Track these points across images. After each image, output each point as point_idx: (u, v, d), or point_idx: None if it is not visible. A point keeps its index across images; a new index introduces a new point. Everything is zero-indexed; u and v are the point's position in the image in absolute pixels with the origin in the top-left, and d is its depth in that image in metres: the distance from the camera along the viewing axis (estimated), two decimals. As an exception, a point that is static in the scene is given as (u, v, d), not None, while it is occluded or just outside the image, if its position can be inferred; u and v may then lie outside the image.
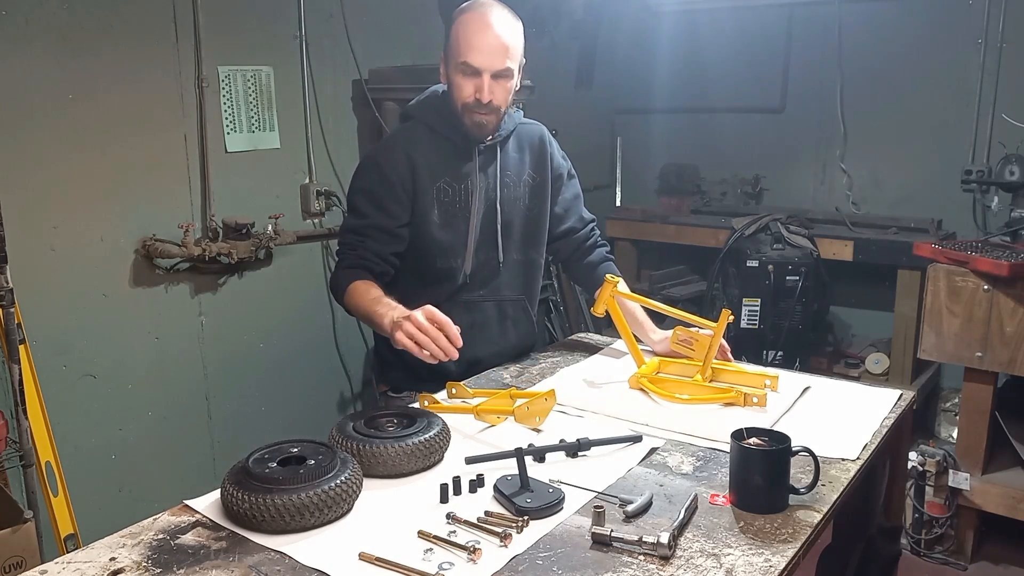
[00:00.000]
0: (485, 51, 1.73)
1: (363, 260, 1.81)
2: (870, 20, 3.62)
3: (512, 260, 1.96)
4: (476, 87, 1.76)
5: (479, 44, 1.73)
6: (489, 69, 1.74)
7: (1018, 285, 2.53)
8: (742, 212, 3.69)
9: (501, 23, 1.74)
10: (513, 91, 1.83)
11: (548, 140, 2.01)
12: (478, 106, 1.78)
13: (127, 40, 2.37)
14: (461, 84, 1.77)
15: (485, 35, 1.73)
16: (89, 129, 2.32)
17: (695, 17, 4.04)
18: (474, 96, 1.76)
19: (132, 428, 2.51)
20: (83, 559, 1.15)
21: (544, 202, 1.99)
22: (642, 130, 4.31)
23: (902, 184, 3.65)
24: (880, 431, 1.59)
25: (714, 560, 1.14)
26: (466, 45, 1.73)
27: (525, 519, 1.22)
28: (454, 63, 1.77)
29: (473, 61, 1.73)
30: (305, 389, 3.02)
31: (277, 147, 2.82)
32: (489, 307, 1.96)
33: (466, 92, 1.77)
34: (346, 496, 1.24)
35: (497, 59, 1.74)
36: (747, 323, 3.34)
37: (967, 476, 2.73)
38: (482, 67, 1.74)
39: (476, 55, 1.73)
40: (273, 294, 2.86)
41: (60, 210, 2.29)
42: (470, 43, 1.73)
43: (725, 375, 1.82)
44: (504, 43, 1.74)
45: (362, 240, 1.83)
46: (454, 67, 1.77)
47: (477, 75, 1.75)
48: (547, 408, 1.60)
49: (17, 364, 1.99)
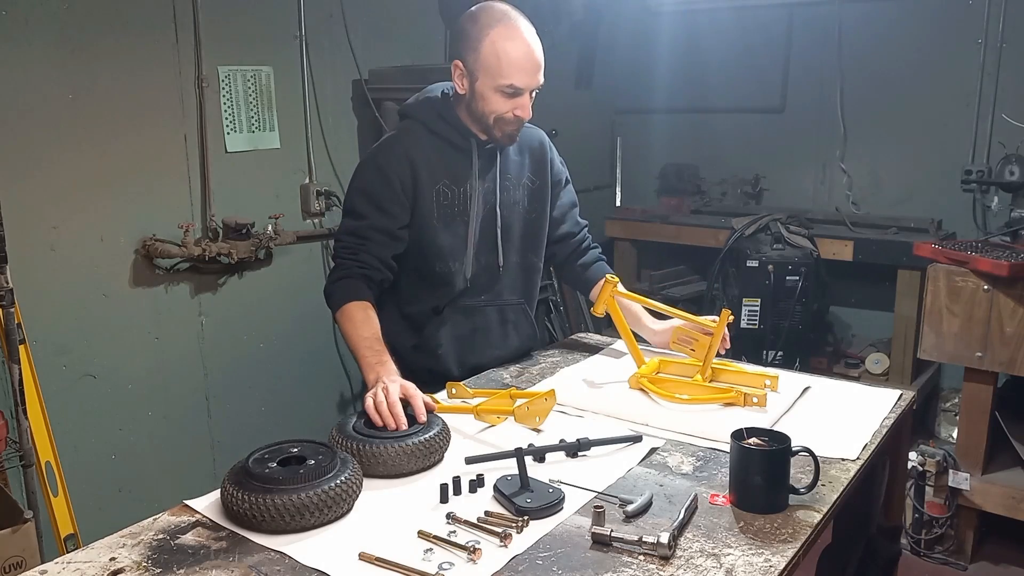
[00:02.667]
0: (530, 71, 1.72)
1: (362, 267, 1.78)
2: (870, 20, 3.62)
3: (512, 264, 1.95)
4: (515, 105, 1.75)
5: (525, 65, 1.72)
6: (532, 88, 1.75)
7: (1018, 285, 2.53)
8: (742, 212, 3.69)
9: (534, 36, 1.74)
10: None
11: (548, 146, 2.01)
12: (515, 122, 1.78)
13: (127, 40, 2.37)
14: (500, 101, 1.75)
15: (527, 56, 1.72)
16: (89, 129, 2.32)
17: (695, 17, 4.04)
18: (512, 113, 1.76)
19: (132, 428, 2.51)
20: (83, 559, 1.15)
21: (544, 206, 1.98)
22: (642, 130, 4.31)
23: (902, 184, 3.65)
24: (880, 431, 1.59)
25: (714, 560, 1.14)
26: (509, 66, 1.71)
27: (525, 519, 1.22)
28: (494, 82, 1.73)
29: (520, 83, 1.72)
30: (305, 389, 3.02)
31: (277, 147, 2.82)
32: (490, 311, 1.95)
33: (503, 108, 1.76)
34: (346, 496, 1.24)
35: (539, 76, 1.75)
36: (747, 323, 3.34)
37: (967, 476, 2.73)
38: (527, 88, 1.74)
39: (522, 77, 1.72)
40: (273, 294, 2.86)
41: (60, 210, 2.29)
42: (514, 64, 1.71)
43: (725, 375, 1.82)
44: (539, 60, 1.74)
45: (362, 243, 1.79)
46: (493, 86, 1.73)
47: (519, 95, 1.74)
48: (547, 408, 1.60)
49: (17, 364, 1.99)
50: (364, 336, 1.69)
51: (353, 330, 1.71)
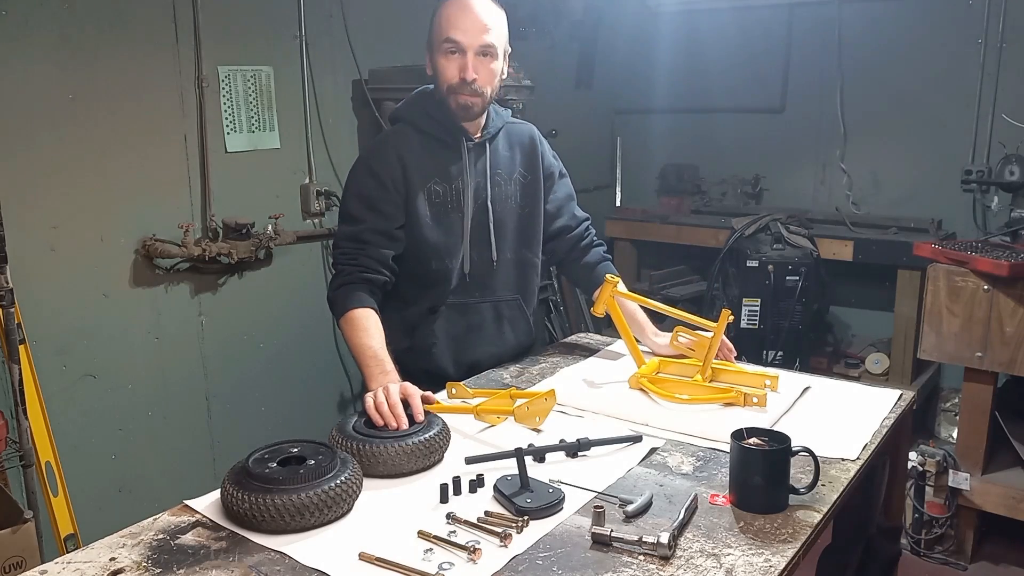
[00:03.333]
0: (468, 29, 1.75)
1: (363, 271, 1.78)
2: (870, 20, 3.63)
3: (506, 259, 1.94)
4: (460, 66, 1.77)
5: (460, 22, 1.75)
6: (472, 46, 1.76)
7: (1018, 285, 2.53)
8: (742, 212, 3.69)
9: (482, 4, 1.77)
10: (498, 76, 1.83)
11: (539, 140, 2.01)
12: (463, 86, 1.78)
13: (127, 40, 2.37)
14: (445, 65, 1.78)
15: (466, 14, 1.75)
16: (89, 129, 2.32)
17: (695, 17, 4.04)
18: (459, 76, 1.77)
19: (132, 428, 2.51)
20: (83, 559, 1.15)
21: (537, 201, 1.98)
22: (642, 130, 4.31)
23: (902, 184, 3.65)
24: (880, 431, 1.59)
25: (714, 560, 1.14)
26: (447, 24, 1.76)
27: (525, 519, 1.22)
28: (437, 45, 1.78)
29: (456, 36, 1.75)
30: (305, 389, 3.02)
31: (277, 147, 2.82)
32: (485, 308, 1.95)
33: (450, 73, 1.78)
34: (346, 496, 1.24)
35: (479, 35, 1.76)
36: (747, 323, 3.34)
37: (967, 476, 2.73)
38: (465, 43, 1.75)
39: (458, 32, 1.75)
40: (273, 294, 2.86)
41: (60, 210, 2.29)
42: (451, 22, 1.76)
43: (725, 375, 1.82)
44: (485, 22, 1.76)
45: (362, 247, 1.79)
46: (437, 49, 1.78)
47: (462, 53, 1.76)
48: (547, 408, 1.60)
49: (17, 364, 1.99)
50: (368, 345, 1.68)
51: (357, 338, 1.71)
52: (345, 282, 1.77)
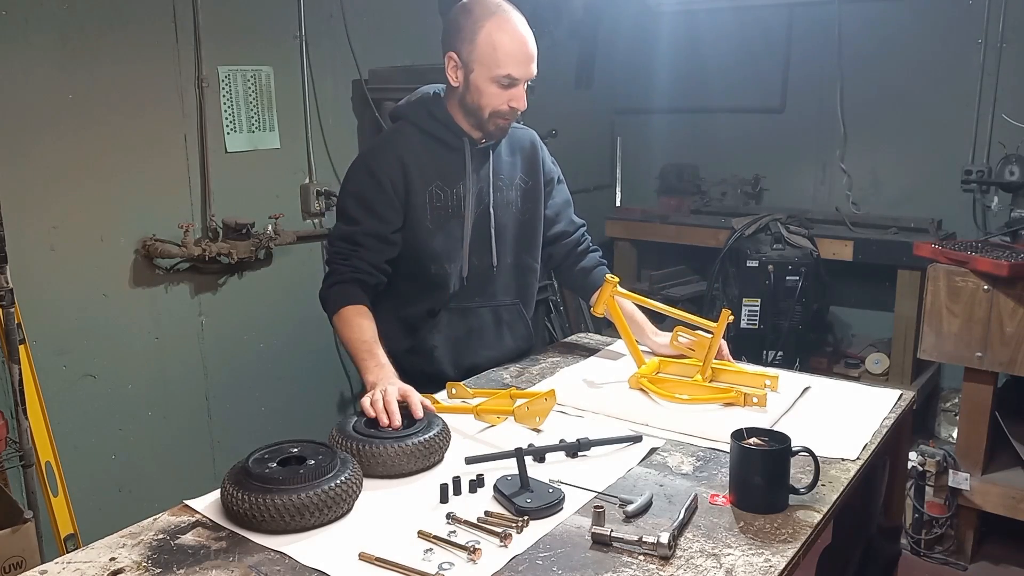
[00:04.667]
0: (525, 62, 1.73)
1: (356, 272, 1.77)
2: (870, 20, 3.63)
3: (506, 264, 1.94)
4: (511, 97, 1.74)
5: (519, 56, 1.72)
6: (527, 79, 1.75)
7: (1018, 285, 2.53)
8: (742, 212, 3.69)
9: (526, 28, 1.74)
10: None
11: (539, 145, 2.00)
12: (510, 114, 1.78)
13: (127, 40, 2.37)
14: (496, 93, 1.75)
15: (522, 45, 1.72)
16: (89, 129, 2.32)
17: (695, 17, 4.04)
18: (507, 105, 1.76)
19: (132, 428, 2.51)
20: (83, 559, 1.15)
21: (537, 206, 1.97)
22: (642, 130, 4.31)
23: (902, 184, 3.65)
24: (880, 431, 1.59)
25: (714, 560, 1.14)
26: (507, 57, 1.71)
27: (525, 519, 1.22)
28: (490, 73, 1.72)
29: (516, 73, 1.72)
30: (305, 389, 3.02)
31: (277, 147, 2.82)
32: (484, 313, 1.95)
33: (499, 101, 1.75)
34: (346, 496, 1.24)
35: (532, 67, 1.75)
36: (747, 323, 3.34)
37: (967, 476, 2.73)
38: (523, 78, 1.74)
39: (518, 67, 1.72)
40: (273, 294, 2.86)
41: (60, 210, 2.29)
42: (510, 55, 1.71)
43: (725, 375, 1.82)
44: (534, 50, 1.75)
45: (355, 249, 1.78)
46: (489, 77, 1.73)
47: (515, 85, 1.74)
48: (547, 408, 1.60)
49: (17, 364, 1.99)
50: (362, 340, 1.69)
51: (351, 334, 1.71)
52: (337, 281, 1.78)
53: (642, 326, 1.99)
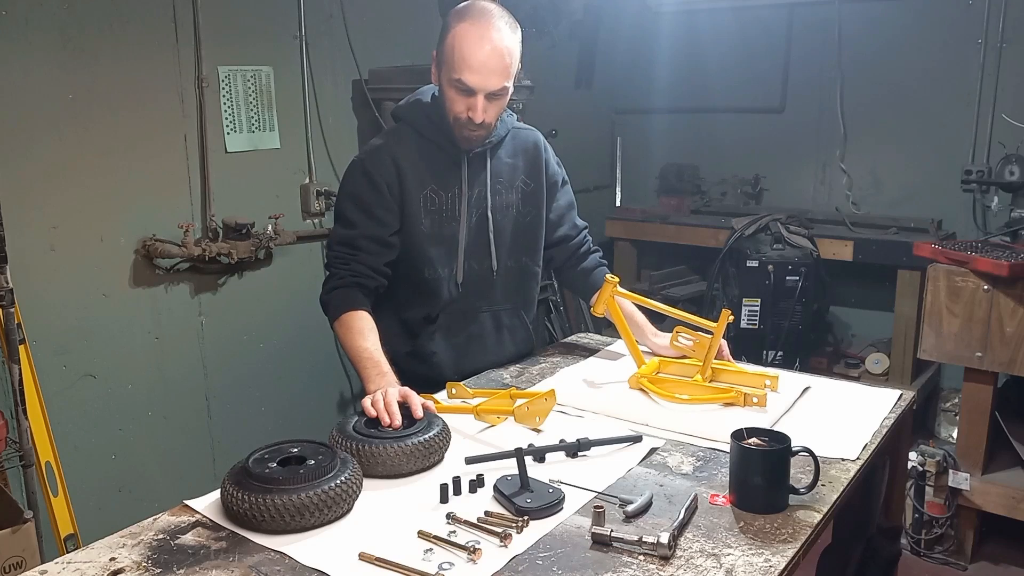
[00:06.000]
0: (482, 71, 1.64)
1: (356, 277, 1.76)
2: (870, 20, 3.63)
3: (506, 268, 1.92)
4: (469, 105, 1.68)
5: (476, 63, 1.64)
6: (484, 90, 1.67)
7: (1018, 285, 2.53)
8: (742, 212, 3.69)
9: (500, 39, 1.66)
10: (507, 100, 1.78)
11: (544, 147, 1.97)
12: (469, 123, 1.71)
13: (127, 40, 2.37)
14: (453, 99, 1.70)
15: (482, 53, 1.64)
16: (89, 129, 2.32)
17: (695, 17, 4.04)
18: (466, 114, 1.70)
19: (132, 428, 2.51)
20: (83, 559, 1.15)
21: (539, 209, 1.95)
22: (642, 130, 4.31)
23: (902, 184, 3.65)
24: (880, 431, 1.59)
25: (714, 560, 1.14)
26: (461, 62, 1.65)
27: (525, 519, 1.22)
28: (448, 76, 1.68)
29: (468, 81, 1.65)
30: (305, 389, 3.02)
31: (277, 147, 2.82)
32: (484, 317, 1.93)
33: (458, 108, 1.71)
34: (346, 496, 1.24)
35: (493, 79, 1.66)
36: (747, 323, 3.34)
37: (967, 476, 2.73)
38: (477, 88, 1.66)
39: (472, 75, 1.65)
40: (273, 294, 2.86)
41: (60, 210, 2.29)
42: (466, 60, 1.64)
43: (725, 375, 1.82)
44: (503, 63, 1.66)
45: (354, 253, 1.77)
46: (447, 80, 1.69)
47: (471, 94, 1.67)
48: (547, 408, 1.60)
49: (17, 364, 1.99)
50: (364, 347, 1.67)
51: (352, 340, 1.69)
52: (338, 285, 1.76)
53: (642, 326, 1.99)
